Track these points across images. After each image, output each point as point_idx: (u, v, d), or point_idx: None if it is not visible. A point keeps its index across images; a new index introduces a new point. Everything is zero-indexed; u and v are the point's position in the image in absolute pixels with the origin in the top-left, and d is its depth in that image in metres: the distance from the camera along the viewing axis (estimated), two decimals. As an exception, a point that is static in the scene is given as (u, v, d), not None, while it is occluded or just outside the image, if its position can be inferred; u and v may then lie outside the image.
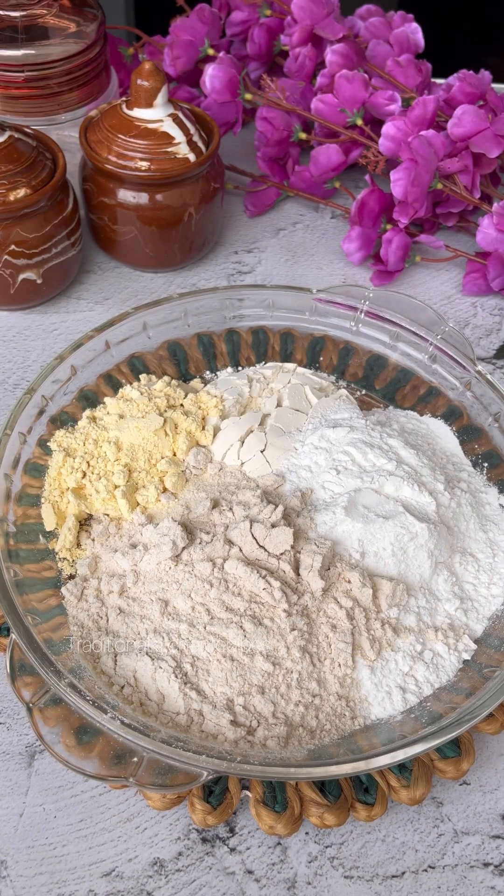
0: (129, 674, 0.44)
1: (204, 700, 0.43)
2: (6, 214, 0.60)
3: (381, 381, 0.61)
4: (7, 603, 0.44)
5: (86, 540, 0.51)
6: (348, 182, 0.80)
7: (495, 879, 0.42)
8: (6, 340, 0.66)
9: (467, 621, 0.48)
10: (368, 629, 0.46)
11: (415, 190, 0.65)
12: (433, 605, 0.48)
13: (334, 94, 0.71)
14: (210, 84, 0.73)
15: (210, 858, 0.42)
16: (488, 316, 0.70)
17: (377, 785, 0.43)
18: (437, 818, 0.44)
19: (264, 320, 0.63)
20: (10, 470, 0.51)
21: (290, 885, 0.42)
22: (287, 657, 0.44)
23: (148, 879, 0.42)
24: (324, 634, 0.45)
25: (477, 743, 0.46)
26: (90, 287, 0.70)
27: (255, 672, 0.43)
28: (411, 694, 0.45)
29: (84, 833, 0.43)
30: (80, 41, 0.68)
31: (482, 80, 0.73)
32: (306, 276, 0.73)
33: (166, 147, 0.64)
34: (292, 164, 0.77)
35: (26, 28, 0.67)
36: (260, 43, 0.78)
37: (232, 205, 0.78)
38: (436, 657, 0.46)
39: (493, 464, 0.55)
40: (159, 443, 0.53)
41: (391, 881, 0.42)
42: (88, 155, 0.65)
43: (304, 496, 0.51)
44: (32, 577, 0.47)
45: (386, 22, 0.78)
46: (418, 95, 0.72)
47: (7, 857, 0.42)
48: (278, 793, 0.42)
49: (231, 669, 0.43)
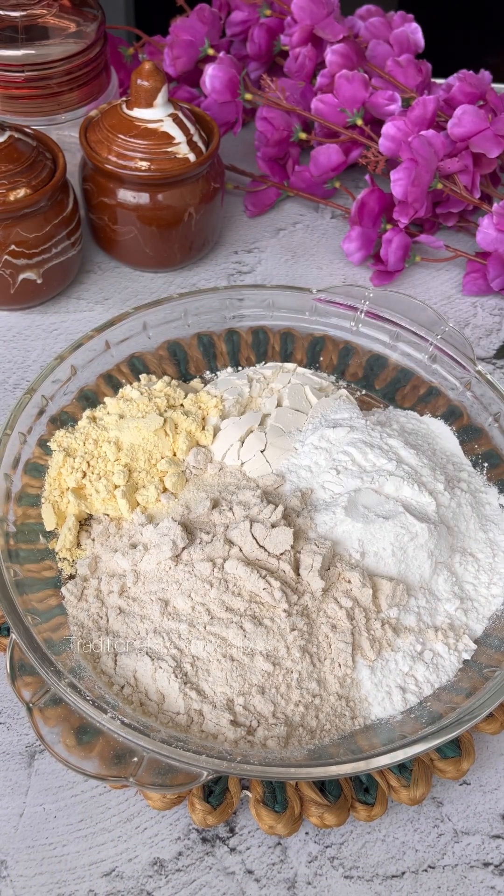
0: (129, 674, 0.44)
1: (204, 700, 0.43)
2: (6, 214, 0.60)
3: (381, 381, 0.61)
4: (7, 603, 0.45)
5: (86, 540, 0.51)
6: (348, 182, 0.80)
7: (495, 879, 0.42)
8: (6, 340, 0.66)
9: (467, 621, 0.48)
10: (368, 629, 0.46)
11: (415, 190, 0.65)
12: (433, 605, 0.48)
13: (334, 94, 0.71)
14: (210, 84, 0.73)
15: (210, 858, 0.42)
16: (488, 316, 0.70)
17: (377, 785, 0.43)
18: (437, 818, 0.44)
19: (264, 320, 0.63)
20: (10, 470, 0.51)
21: (290, 885, 0.42)
22: (287, 657, 0.44)
23: (148, 879, 0.42)
24: (324, 634, 0.45)
25: (477, 743, 0.46)
26: (90, 287, 0.70)
27: (255, 672, 0.43)
28: (411, 694, 0.45)
29: (84, 833, 0.43)
30: (80, 41, 0.68)
31: (482, 80, 0.72)
32: (306, 276, 0.73)
33: (166, 147, 0.64)
34: (292, 164, 0.77)
35: (26, 28, 0.67)
36: (260, 43, 0.78)
37: (232, 205, 0.78)
38: (436, 657, 0.46)
39: (493, 464, 0.55)
40: (159, 443, 0.53)
41: (391, 881, 0.42)
42: (88, 155, 0.65)
43: (304, 496, 0.51)
44: (32, 577, 0.47)
45: (386, 22, 0.78)
46: (418, 95, 0.72)
47: (7, 856, 0.42)
48: (278, 793, 0.42)
49: (231, 669, 0.43)
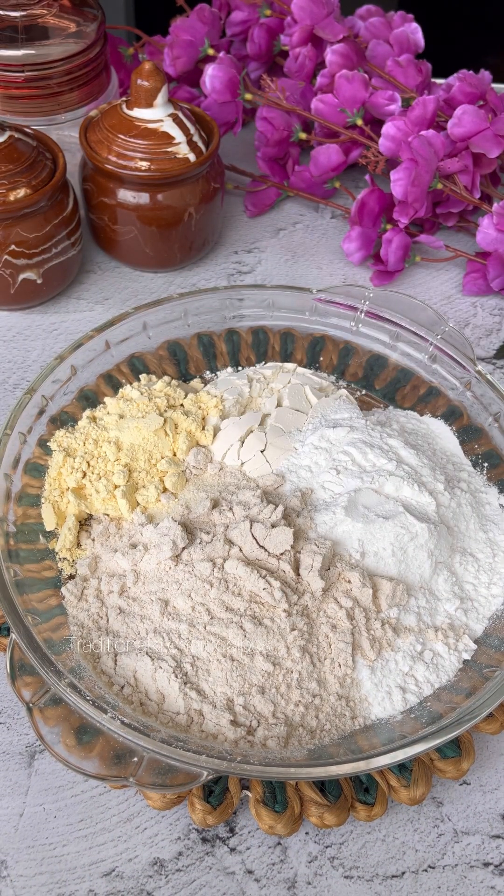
0: (129, 674, 0.44)
1: (204, 700, 0.43)
2: (6, 214, 0.60)
3: (381, 381, 0.61)
4: (7, 603, 0.45)
5: (86, 540, 0.51)
6: (348, 182, 0.80)
7: (495, 879, 0.42)
8: (6, 340, 0.66)
9: (467, 621, 0.48)
10: (368, 629, 0.46)
11: (415, 190, 0.65)
12: (433, 605, 0.48)
13: (334, 94, 0.71)
14: (210, 84, 0.72)
15: (210, 858, 0.42)
16: (488, 316, 0.70)
17: (377, 785, 0.43)
18: (437, 818, 0.44)
19: (264, 320, 0.63)
20: (10, 470, 0.51)
21: (290, 885, 0.42)
22: (287, 657, 0.44)
23: (148, 879, 0.42)
24: (324, 634, 0.45)
25: (477, 743, 0.46)
26: (90, 287, 0.70)
27: (255, 672, 0.43)
28: (411, 694, 0.45)
29: (84, 833, 0.43)
30: (80, 41, 0.68)
31: (482, 80, 0.72)
32: (306, 276, 0.73)
33: (166, 147, 0.64)
34: (292, 164, 0.77)
35: (26, 28, 0.67)
36: (260, 43, 0.78)
37: (232, 205, 0.78)
38: (436, 657, 0.46)
39: (493, 464, 0.55)
40: (159, 443, 0.53)
41: (391, 881, 0.42)
42: (88, 155, 0.65)
43: (304, 496, 0.51)
44: (32, 577, 0.47)
45: (386, 22, 0.78)
46: (418, 95, 0.72)
47: (7, 856, 0.42)
48: (278, 793, 0.42)
49: (231, 669, 0.43)
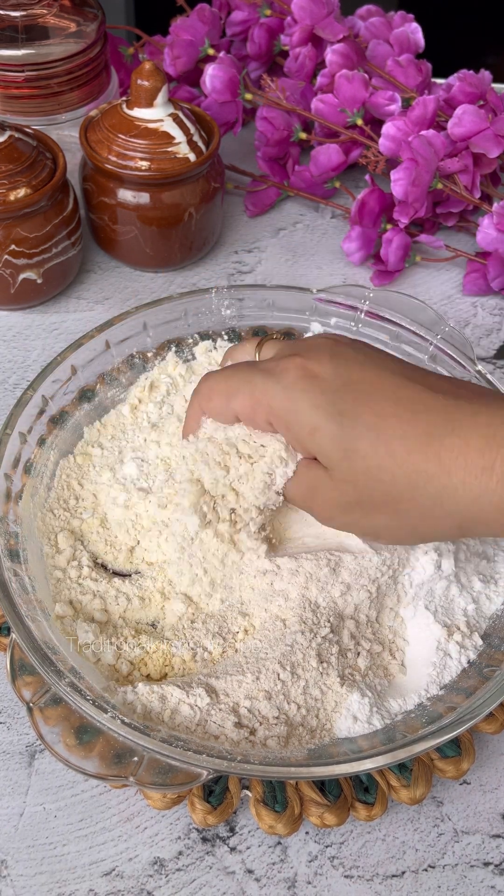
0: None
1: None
2: (6, 214, 0.60)
3: (381, 381, 0.61)
4: (7, 603, 0.44)
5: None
6: (348, 182, 0.80)
7: (495, 879, 0.42)
8: (6, 340, 0.66)
9: (477, 620, 0.48)
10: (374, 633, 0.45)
11: (415, 190, 0.65)
12: (436, 604, 0.48)
13: (334, 94, 0.71)
14: (210, 84, 0.72)
15: (210, 858, 0.42)
16: (488, 316, 0.70)
17: (377, 784, 0.43)
18: (438, 818, 0.44)
19: (264, 320, 0.63)
20: (10, 470, 0.50)
21: (290, 885, 0.42)
22: (300, 664, 0.43)
23: (148, 879, 0.42)
24: (332, 643, 0.45)
25: (477, 743, 0.46)
26: (90, 287, 0.70)
27: (268, 678, 0.43)
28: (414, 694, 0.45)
29: (84, 832, 0.43)
30: (81, 41, 0.68)
31: (482, 80, 0.72)
32: (306, 276, 0.73)
33: (166, 147, 0.64)
34: (292, 164, 0.77)
35: (26, 28, 0.67)
36: (260, 43, 0.78)
37: (232, 205, 0.78)
38: (445, 657, 0.46)
39: (493, 464, 0.55)
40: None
41: (391, 881, 0.42)
42: (88, 155, 0.65)
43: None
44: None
45: (386, 22, 0.78)
46: (418, 95, 0.72)
47: (7, 856, 0.42)
48: (278, 792, 0.42)
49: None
